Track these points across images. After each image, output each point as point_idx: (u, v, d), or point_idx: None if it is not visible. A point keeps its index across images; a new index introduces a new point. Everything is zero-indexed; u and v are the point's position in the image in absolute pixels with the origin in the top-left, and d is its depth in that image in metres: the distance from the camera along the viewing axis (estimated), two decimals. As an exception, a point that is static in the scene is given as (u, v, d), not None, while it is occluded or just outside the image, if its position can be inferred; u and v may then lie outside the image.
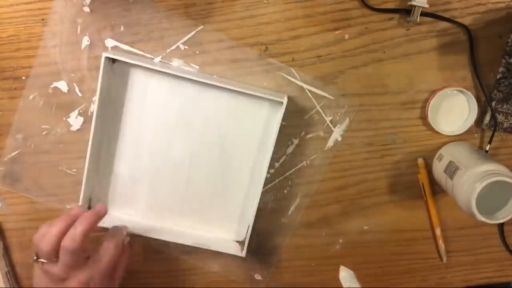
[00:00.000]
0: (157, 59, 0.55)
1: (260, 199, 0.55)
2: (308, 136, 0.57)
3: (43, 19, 0.53)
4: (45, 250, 0.48)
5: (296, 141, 0.57)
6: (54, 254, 0.48)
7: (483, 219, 0.47)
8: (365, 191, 0.60)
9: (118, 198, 0.58)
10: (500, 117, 0.57)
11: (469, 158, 0.52)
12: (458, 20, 0.54)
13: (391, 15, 0.54)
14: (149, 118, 0.56)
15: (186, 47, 0.54)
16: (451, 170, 0.52)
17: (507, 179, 0.46)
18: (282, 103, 0.52)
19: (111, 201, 0.59)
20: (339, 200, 0.60)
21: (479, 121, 0.57)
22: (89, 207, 0.57)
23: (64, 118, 0.57)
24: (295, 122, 0.57)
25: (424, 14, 0.53)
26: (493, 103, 0.56)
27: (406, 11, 0.53)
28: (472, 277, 0.64)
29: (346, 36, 0.55)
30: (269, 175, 0.58)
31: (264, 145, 0.56)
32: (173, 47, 0.54)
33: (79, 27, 0.54)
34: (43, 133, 0.57)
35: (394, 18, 0.54)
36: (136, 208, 0.59)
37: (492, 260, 0.63)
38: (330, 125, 0.57)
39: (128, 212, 0.59)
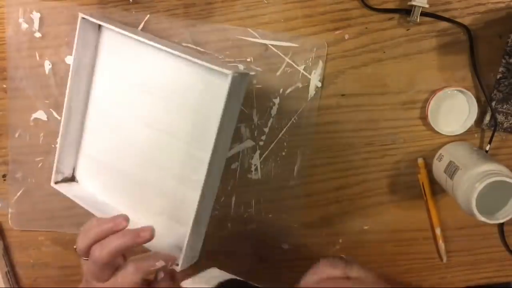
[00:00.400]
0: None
1: (262, 169, 0.55)
2: (287, 92, 0.56)
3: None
4: (79, 248, 0.44)
5: (277, 101, 0.56)
6: (86, 254, 0.45)
7: (483, 219, 0.47)
8: (365, 191, 0.60)
9: (86, 172, 0.57)
10: (500, 117, 0.57)
11: (469, 158, 0.52)
12: (458, 20, 0.54)
13: (391, 15, 0.54)
14: (117, 86, 0.53)
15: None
16: (451, 170, 0.52)
17: (507, 179, 0.46)
18: (247, 74, 0.48)
19: (79, 175, 0.57)
20: (339, 200, 0.60)
21: (479, 121, 0.57)
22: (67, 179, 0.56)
23: (53, 145, 0.57)
24: (270, 82, 0.55)
25: (424, 14, 0.53)
26: (493, 103, 0.56)
27: (406, 11, 0.53)
28: (472, 277, 0.64)
29: (346, 36, 0.55)
30: (262, 143, 0.57)
31: (228, 119, 0.51)
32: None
33: (37, 54, 0.54)
34: (39, 166, 0.57)
35: (394, 18, 0.54)
36: (103, 184, 0.56)
37: (492, 260, 0.63)
38: (305, 73, 0.55)
39: (95, 187, 0.57)
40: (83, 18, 0.50)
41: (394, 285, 0.44)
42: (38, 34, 0.54)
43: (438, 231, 0.60)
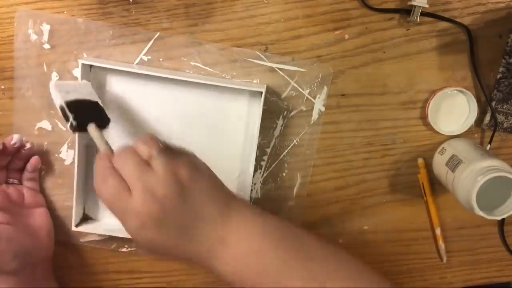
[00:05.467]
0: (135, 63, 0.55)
1: (262, 188, 0.55)
2: (291, 115, 0.56)
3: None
4: None
5: (280, 122, 0.56)
6: None
7: (481, 213, 0.47)
8: (365, 191, 0.60)
9: None
10: (500, 117, 0.57)
11: (473, 153, 0.52)
12: (458, 20, 0.54)
13: (391, 15, 0.54)
14: (131, 123, 0.55)
15: (149, 57, 0.54)
16: (454, 163, 0.52)
17: (510, 176, 0.46)
18: (261, 92, 0.52)
19: (104, 209, 0.58)
20: (339, 200, 0.60)
21: (479, 121, 0.57)
22: (85, 218, 0.58)
23: (56, 155, 0.57)
24: (275, 104, 0.56)
25: (424, 14, 0.53)
26: (493, 103, 0.56)
27: (406, 11, 0.53)
28: (472, 277, 0.64)
29: (346, 36, 0.55)
30: (263, 162, 0.57)
31: (249, 137, 0.56)
32: (137, 60, 0.54)
33: (45, 65, 0.54)
34: (42, 173, 0.57)
35: (394, 18, 0.54)
36: None
37: (492, 260, 0.63)
38: (309, 97, 0.56)
39: None
40: (84, 64, 0.51)
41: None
42: (47, 46, 0.54)
43: (438, 231, 0.60)
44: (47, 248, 0.56)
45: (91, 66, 0.53)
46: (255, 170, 0.56)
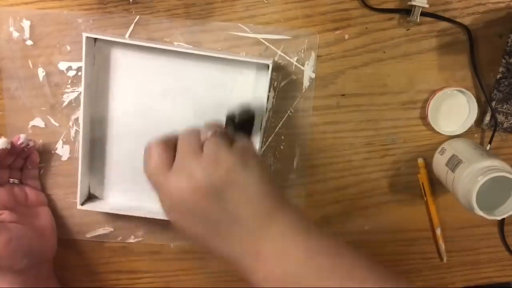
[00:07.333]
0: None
1: None
2: (281, 85, 0.56)
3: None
4: None
5: (272, 94, 0.56)
6: None
7: (481, 213, 0.47)
8: (365, 191, 0.60)
9: (115, 183, 0.57)
10: (500, 117, 0.57)
11: (473, 153, 0.52)
12: (458, 20, 0.54)
13: (391, 15, 0.54)
14: (137, 98, 0.55)
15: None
16: (454, 163, 0.52)
17: (510, 175, 0.46)
18: (268, 66, 0.51)
19: (109, 188, 0.58)
20: (339, 200, 0.60)
21: (479, 121, 0.58)
22: (90, 198, 0.57)
23: (52, 152, 0.57)
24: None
25: (424, 14, 0.53)
26: (493, 103, 0.56)
27: (406, 11, 0.53)
28: (472, 277, 0.64)
29: (346, 36, 0.55)
30: (259, 138, 0.56)
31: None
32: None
33: (30, 62, 0.54)
34: (41, 172, 0.57)
35: (394, 18, 0.54)
36: (134, 191, 0.57)
37: (492, 260, 0.63)
38: (298, 65, 0.55)
39: (127, 197, 0.58)
40: (88, 37, 0.50)
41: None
42: (29, 42, 0.54)
43: (438, 231, 0.60)
44: (52, 247, 0.56)
45: (95, 39, 0.52)
46: None
